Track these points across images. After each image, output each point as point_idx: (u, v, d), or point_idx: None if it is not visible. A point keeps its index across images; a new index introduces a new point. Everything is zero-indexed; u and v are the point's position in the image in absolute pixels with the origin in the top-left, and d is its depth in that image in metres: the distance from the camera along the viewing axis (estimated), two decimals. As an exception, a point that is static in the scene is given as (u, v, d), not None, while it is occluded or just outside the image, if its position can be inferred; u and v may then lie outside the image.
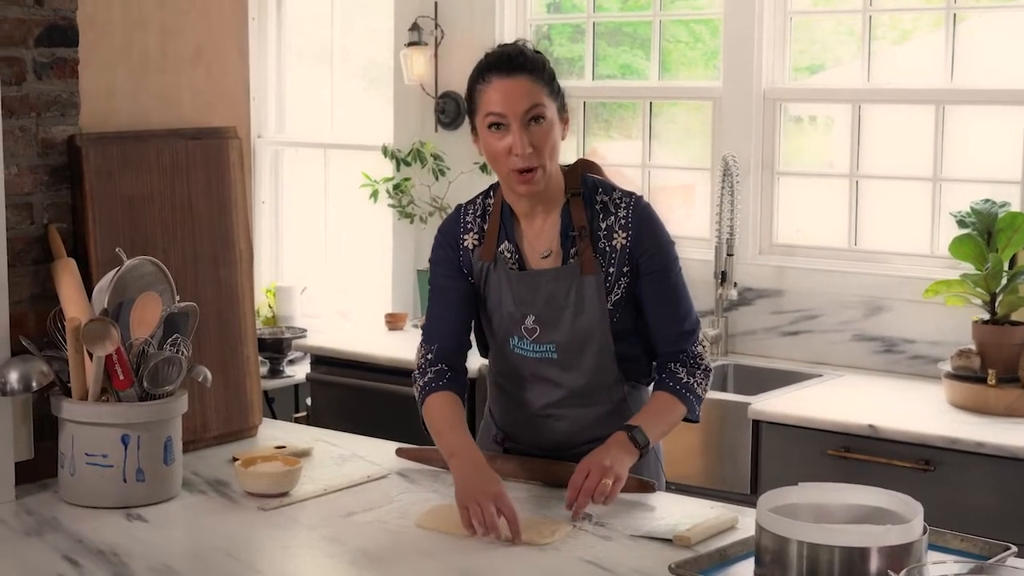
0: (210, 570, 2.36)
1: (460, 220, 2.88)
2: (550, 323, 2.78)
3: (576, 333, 2.78)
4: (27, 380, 2.71)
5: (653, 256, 2.78)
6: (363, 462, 3.02)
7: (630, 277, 2.78)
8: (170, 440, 2.75)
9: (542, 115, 2.68)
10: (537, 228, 2.81)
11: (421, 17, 5.16)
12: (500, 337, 2.85)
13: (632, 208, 2.78)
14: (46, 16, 2.88)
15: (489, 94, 2.70)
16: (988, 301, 3.86)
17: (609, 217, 2.77)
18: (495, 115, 2.68)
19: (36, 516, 2.65)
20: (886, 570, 2.10)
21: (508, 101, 2.67)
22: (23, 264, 2.85)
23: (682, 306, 2.82)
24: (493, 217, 2.83)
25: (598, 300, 2.76)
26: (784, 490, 2.35)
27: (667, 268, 2.80)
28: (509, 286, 2.80)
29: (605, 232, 2.77)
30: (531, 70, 2.71)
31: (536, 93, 2.69)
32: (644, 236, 2.77)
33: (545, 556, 2.42)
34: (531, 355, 2.82)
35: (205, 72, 3.30)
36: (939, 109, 4.30)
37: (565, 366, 2.81)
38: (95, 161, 2.93)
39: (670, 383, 2.79)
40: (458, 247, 2.86)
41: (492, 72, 2.71)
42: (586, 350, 2.79)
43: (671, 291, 2.81)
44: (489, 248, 2.82)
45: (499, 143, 2.69)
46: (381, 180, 5.22)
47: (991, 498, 3.47)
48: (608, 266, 2.76)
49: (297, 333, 5.39)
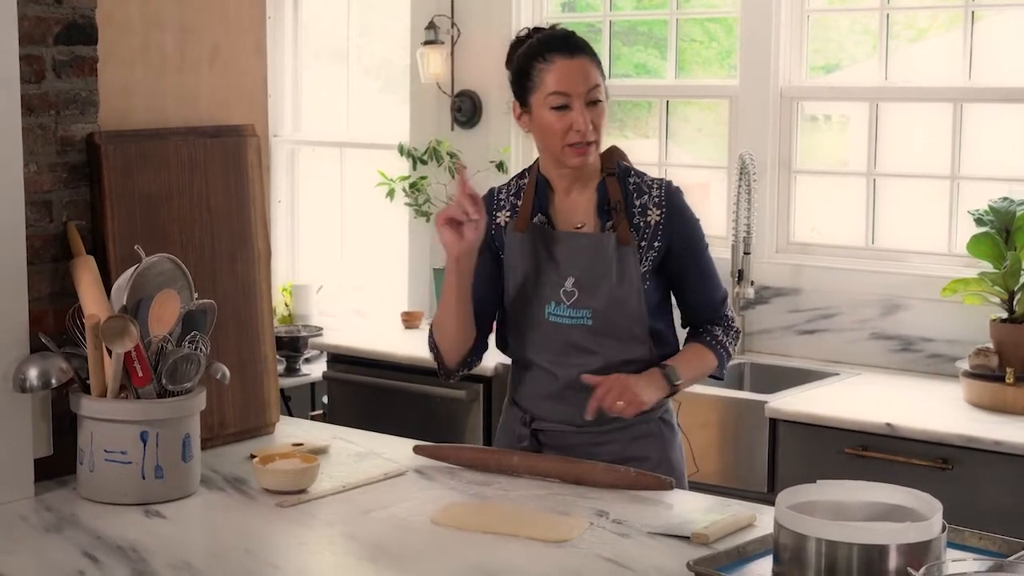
0: (228, 566, 2.37)
1: (493, 199, 2.98)
2: (589, 288, 2.85)
3: (613, 301, 2.85)
4: (46, 377, 2.71)
5: (689, 232, 2.91)
6: (381, 459, 3.02)
7: (659, 252, 2.87)
8: (188, 437, 2.75)
9: (600, 97, 2.83)
10: (572, 201, 2.92)
11: (437, 16, 5.16)
12: (535, 308, 2.89)
13: (665, 188, 2.91)
14: (65, 14, 2.89)
15: (552, 73, 2.81)
16: (1006, 299, 3.85)
17: (643, 196, 2.89)
18: (560, 94, 2.80)
19: (55, 512, 2.65)
20: (905, 568, 2.09)
21: (572, 81, 2.80)
22: (42, 261, 2.85)
23: (715, 276, 2.98)
24: (527, 193, 2.94)
25: (634, 271, 2.85)
26: (802, 487, 2.35)
27: (701, 241, 2.94)
28: (548, 248, 2.88)
29: (639, 208, 2.88)
30: (589, 52, 2.86)
31: (595, 75, 2.83)
32: (677, 214, 2.90)
33: (563, 553, 2.42)
34: (566, 322, 2.87)
35: (223, 70, 3.31)
36: (957, 107, 4.29)
37: (599, 333, 2.86)
38: (114, 159, 2.94)
39: (706, 337, 2.95)
40: (490, 226, 2.93)
41: (554, 52, 2.83)
42: (621, 319, 2.85)
43: (706, 264, 2.95)
44: (523, 220, 2.91)
45: (559, 122, 2.81)
46: (397, 179, 5.22)
47: (1009, 496, 3.46)
48: (640, 240, 2.86)
49: (313, 331, 5.40)
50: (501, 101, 5.17)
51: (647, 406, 2.80)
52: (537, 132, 2.88)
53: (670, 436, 2.96)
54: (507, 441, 3.01)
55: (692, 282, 2.94)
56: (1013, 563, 2.17)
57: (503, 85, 5.11)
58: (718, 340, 2.94)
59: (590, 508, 2.65)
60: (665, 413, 2.97)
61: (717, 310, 2.96)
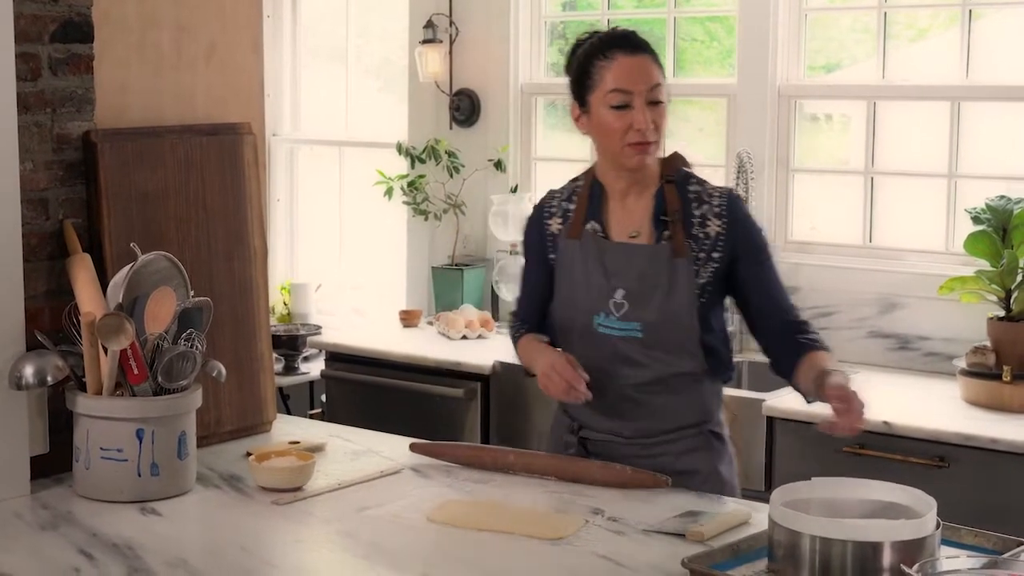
0: (224, 564, 2.37)
1: (546, 205, 2.93)
2: (639, 300, 2.78)
3: (664, 314, 2.77)
4: (42, 375, 2.71)
5: (753, 242, 2.83)
6: (377, 457, 3.03)
7: (720, 264, 2.79)
8: (184, 435, 2.76)
9: (661, 96, 2.76)
10: (628, 208, 2.84)
11: (436, 15, 5.16)
12: (584, 317, 2.82)
13: (727, 198, 2.82)
14: (61, 12, 2.89)
15: (614, 71, 2.74)
16: (1003, 298, 3.85)
17: (703, 205, 2.81)
18: (620, 92, 2.73)
19: (51, 510, 2.66)
20: (899, 565, 2.09)
21: (633, 78, 2.73)
22: (38, 259, 2.86)
23: (783, 290, 2.88)
24: (581, 198, 2.87)
25: (688, 283, 2.77)
26: (797, 485, 2.35)
27: (765, 250, 2.85)
28: (599, 257, 2.81)
29: (699, 219, 2.80)
30: (651, 51, 2.79)
31: (656, 73, 2.76)
32: (740, 225, 2.81)
33: (558, 551, 2.42)
34: (616, 333, 2.79)
35: (219, 68, 3.31)
36: (954, 106, 4.29)
37: (650, 345, 2.78)
38: (110, 157, 2.94)
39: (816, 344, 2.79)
40: (544, 232, 2.91)
41: (615, 49, 2.76)
42: (672, 332, 2.78)
43: (773, 271, 2.86)
44: (576, 227, 2.86)
45: (619, 120, 2.73)
46: (396, 177, 5.22)
47: (1006, 494, 3.45)
48: (699, 251, 2.78)
49: (312, 330, 5.40)
50: (499, 100, 5.17)
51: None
52: (596, 132, 2.79)
53: (720, 448, 2.87)
54: (554, 447, 2.95)
55: (761, 290, 2.83)
56: (1007, 560, 2.17)
57: (501, 84, 5.18)
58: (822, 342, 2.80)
59: (586, 506, 2.65)
60: (715, 425, 2.88)
61: (790, 312, 2.85)
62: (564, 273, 2.86)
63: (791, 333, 2.81)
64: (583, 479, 2.79)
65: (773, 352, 2.85)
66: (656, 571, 2.31)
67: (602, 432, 2.86)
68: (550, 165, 5.20)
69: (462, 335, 4.75)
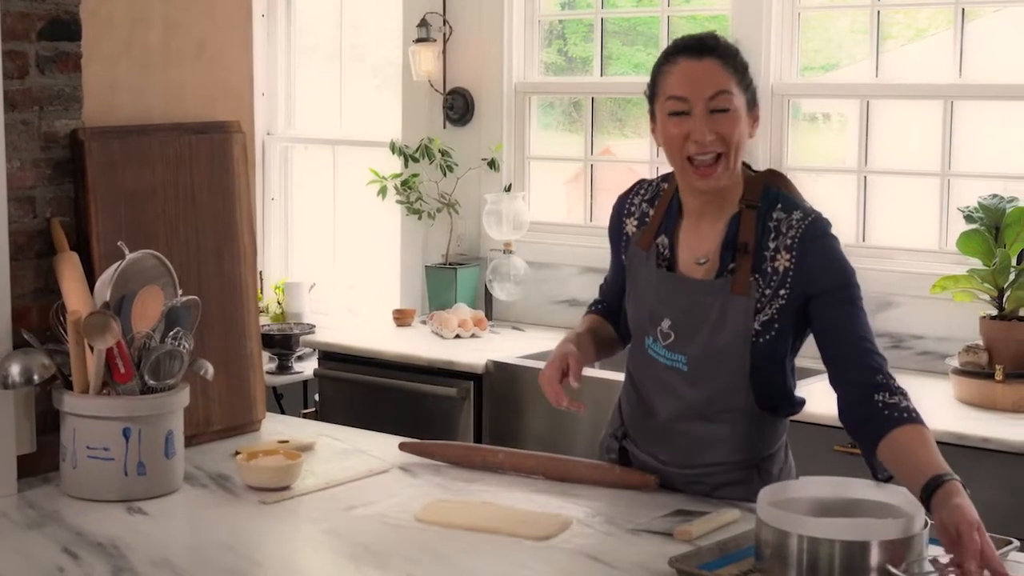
0: (209, 563, 2.36)
1: (627, 202, 2.76)
2: (686, 333, 2.59)
3: (710, 350, 2.57)
4: (29, 373, 2.70)
5: (825, 274, 2.53)
6: (366, 456, 3.02)
7: (786, 300, 2.54)
8: (171, 434, 2.75)
9: (728, 105, 2.50)
10: (701, 231, 2.62)
11: (429, 13, 5.15)
12: (639, 334, 2.70)
13: (804, 229, 2.53)
14: (49, 10, 2.88)
15: (674, 76, 2.53)
16: (996, 296, 3.84)
17: (779, 237, 2.54)
18: (677, 99, 2.52)
19: (38, 509, 2.65)
20: (886, 564, 2.08)
21: (693, 84, 2.51)
22: (26, 258, 2.85)
23: (869, 331, 2.53)
24: (660, 205, 2.69)
25: (743, 322, 2.54)
26: (785, 484, 2.35)
27: (844, 286, 2.53)
28: (654, 283, 2.65)
29: (771, 251, 2.55)
30: (722, 55, 2.54)
31: (723, 79, 2.51)
32: (810, 257, 2.53)
33: (545, 550, 2.41)
34: (663, 361, 2.64)
35: (208, 66, 3.30)
36: (947, 104, 4.28)
37: (693, 382, 2.61)
38: (98, 155, 2.93)
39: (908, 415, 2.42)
40: (621, 230, 2.76)
41: (680, 54, 2.55)
42: (718, 369, 2.57)
43: (852, 310, 2.52)
44: (647, 238, 2.68)
45: (677, 129, 2.52)
46: (389, 176, 5.21)
47: (998, 494, 3.44)
48: (765, 287, 2.54)
49: (306, 329, 5.40)
50: (493, 99, 5.16)
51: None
52: (662, 145, 2.57)
53: (784, 470, 2.73)
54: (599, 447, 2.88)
55: (835, 336, 2.52)
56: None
57: (495, 83, 5.17)
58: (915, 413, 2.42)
59: (574, 505, 2.64)
60: (767, 462, 2.69)
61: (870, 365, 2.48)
62: (631, 281, 2.74)
63: (871, 392, 2.46)
64: (572, 478, 2.78)
65: (851, 415, 2.51)
66: (643, 571, 2.30)
67: (642, 451, 2.76)
68: (544, 164, 5.20)
69: (455, 334, 4.74)
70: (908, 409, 2.42)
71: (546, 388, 2.65)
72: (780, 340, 2.59)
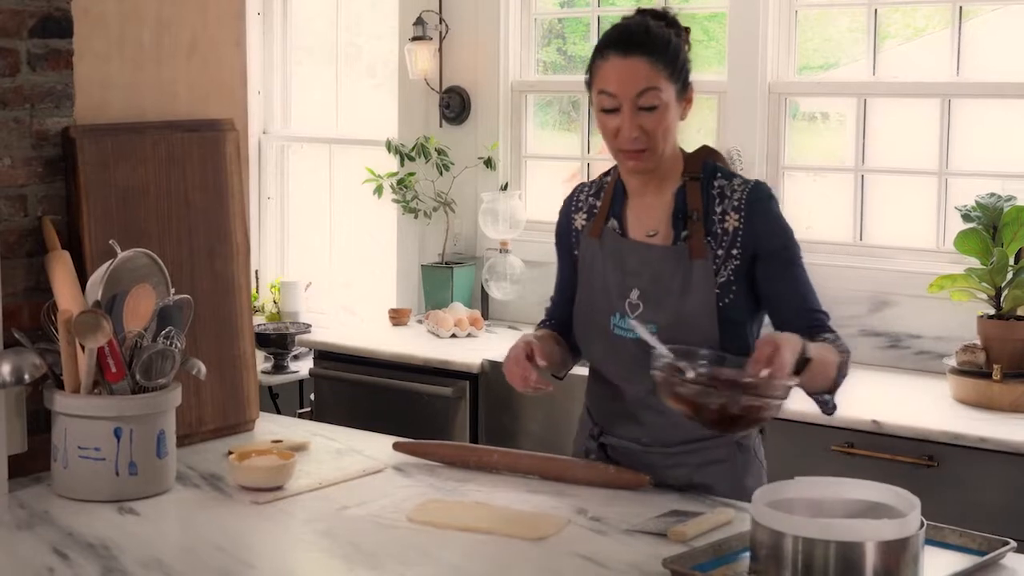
0: (200, 564, 2.34)
1: (574, 199, 2.86)
2: (654, 301, 2.66)
3: (679, 316, 2.64)
4: (20, 373, 2.69)
5: (770, 237, 2.66)
6: (360, 456, 3.00)
7: (740, 261, 2.65)
8: (163, 433, 2.73)
9: (655, 102, 2.59)
10: (646, 206, 2.73)
11: (425, 12, 5.13)
12: (601, 318, 2.72)
13: (748, 192, 2.66)
14: (40, 7, 2.87)
15: (605, 72, 2.61)
16: (993, 296, 3.82)
17: (725, 200, 2.66)
18: (607, 94, 2.61)
19: (28, 509, 2.63)
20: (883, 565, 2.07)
21: (620, 82, 2.59)
22: (17, 256, 2.83)
23: (810, 289, 2.69)
24: (606, 195, 2.78)
25: (706, 285, 2.63)
26: (780, 484, 2.33)
27: (786, 247, 2.68)
28: (616, 256, 2.72)
29: (719, 215, 2.66)
30: (651, 50, 2.60)
31: (651, 76, 2.58)
32: (757, 218, 2.65)
33: (538, 551, 2.39)
34: (631, 335, 2.65)
35: (201, 64, 3.28)
36: (945, 103, 4.27)
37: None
38: (90, 153, 2.92)
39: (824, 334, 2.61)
40: (570, 228, 2.84)
41: (610, 48, 2.62)
42: (689, 335, 2.61)
43: (795, 270, 2.68)
44: (597, 225, 2.77)
45: (609, 123, 2.63)
46: (385, 175, 5.20)
47: (995, 494, 3.43)
48: (718, 248, 2.65)
49: (301, 328, 5.39)
50: (489, 97, 5.15)
51: (788, 360, 2.40)
52: (599, 130, 2.69)
53: (744, 462, 2.74)
54: (576, 451, 2.88)
55: (780, 290, 2.66)
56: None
57: (491, 81, 5.16)
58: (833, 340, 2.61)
59: (568, 505, 2.62)
60: (743, 438, 2.74)
61: (816, 319, 2.65)
62: (585, 272, 2.78)
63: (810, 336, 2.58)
64: (566, 478, 2.77)
65: None
66: (637, 571, 2.29)
67: (622, 439, 2.77)
68: (540, 163, 5.18)
69: (451, 333, 4.72)
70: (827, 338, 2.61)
71: (513, 368, 2.67)
72: (740, 304, 2.67)
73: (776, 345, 2.40)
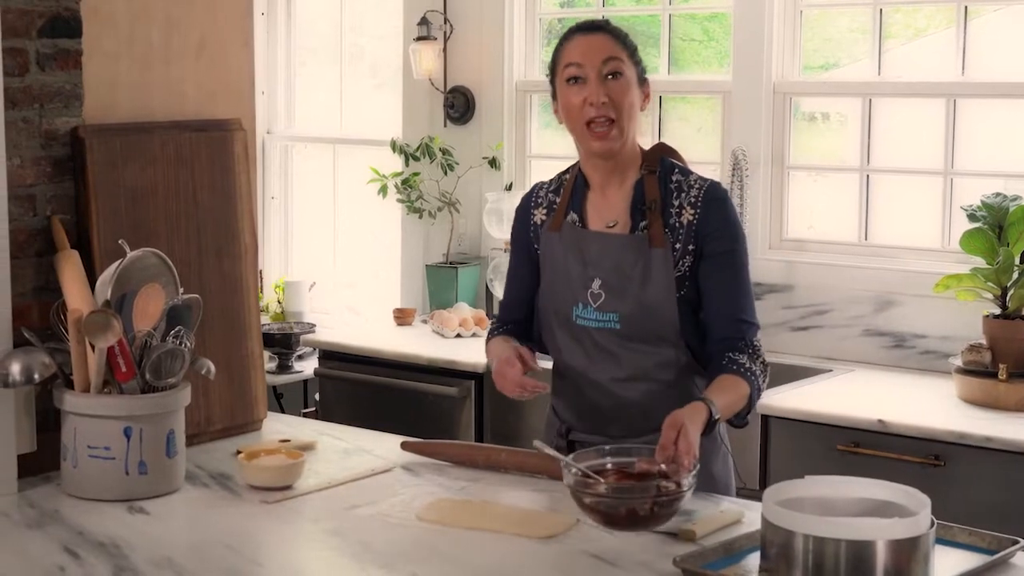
0: (210, 563, 2.35)
1: (533, 196, 2.94)
2: (615, 290, 2.74)
3: (640, 305, 2.73)
4: (29, 372, 2.69)
5: (719, 238, 2.75)
6: (368, 456, 3.00)
7: (694, 256, 2.74)
8: (172, 433, 2.73)
9: (620, 70, 2.73)
10: (607, 198, 2.81)
11: (430, 11, 5.14)
12: (564, 309, 2.80)
13: (705, 188, 2.77)
14: (49, 7, 2.87)
15: (569, 47, 2.77)
16: (999, 295, 3.83)
17: (682, 195, 2.76)
18: (574, 65, 2.74)
19: (38, 509, 2.63)
20: (893, 563, 2.07)
21: (587, 52, 2.73)
22: (26, 256, 2.83)
23: (745, 296, 2.77)
24: (565, 191, 2.87)
25: (665, 274, 2.72)
26: (790, 483, 2.33)
27: (732, 251, 2.76)
28: (576, 247, 2.79)
29: (676, 208, 2.76)
30: (613, 33, 2.78)
31: (615, 49, 2.75)
32: (712, 215, 2.75)
33: (548, 550, 2.40)
34: (593, 325, 2.76)
35: (209, 64, 3.29)
36: (950, 103, 4.27)
37: (627, 337, 2.74)
38: (98, 153, 2.92)
39: (733, 367, 2.69)
40: (529, 223, 2.91)
41: (575, 32, 2.80)
42: (650, 323, 2.73)
43: (734, 275, 2.75)
44: (557, 219, 2.85)
45: (575, 96, 2.73)
46: (390, 175, 5.20)
47: (1001, 493, 3.44)
48: (675, 241, 2.74)
49: (306, 328, 5.39)
50: (494, 97, 5.15)
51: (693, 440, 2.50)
52: (563, 117, 2.79)
53: (710, 448, 2.75)
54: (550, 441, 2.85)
55: (716, 290, 2.74)
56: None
57: (496, 81, 5.16)
58: (746, 369, 2.68)
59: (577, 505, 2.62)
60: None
61: (740, 330, 2.72)
62: (546, 265, 2.85)
63: (727, 351, 2.71)
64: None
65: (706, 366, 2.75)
66: (647, 570, 2.29)
67: (589, 433, 2.81)
68: (545, 162, 5.18)
69: (456, 333, 4.73)
70: (742, 365, 2.69)
71: (507, 374, 2.72)
72: (696, 296, 2.76)
73: (679, 426, 2.49)
